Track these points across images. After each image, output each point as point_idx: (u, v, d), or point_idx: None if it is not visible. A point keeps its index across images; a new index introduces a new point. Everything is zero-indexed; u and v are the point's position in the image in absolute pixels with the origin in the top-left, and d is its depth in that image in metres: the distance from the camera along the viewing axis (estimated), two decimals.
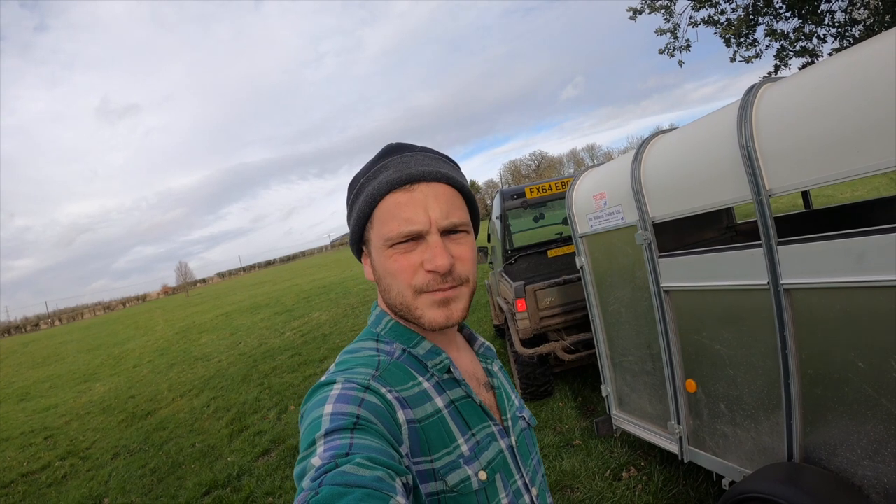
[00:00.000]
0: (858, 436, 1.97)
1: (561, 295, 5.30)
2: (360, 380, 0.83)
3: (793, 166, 1.97)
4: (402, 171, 0.89)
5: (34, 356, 27.96)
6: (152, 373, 14.24)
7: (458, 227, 0.91)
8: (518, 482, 0.94)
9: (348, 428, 0.72)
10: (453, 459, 0.85)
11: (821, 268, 1.95)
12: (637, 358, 3.40)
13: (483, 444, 0.90)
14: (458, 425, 0.89)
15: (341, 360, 0.93)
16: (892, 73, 1.62)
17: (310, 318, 16.63)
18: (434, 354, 0.95)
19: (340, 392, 0.80)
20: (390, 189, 0.88)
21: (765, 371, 2.36)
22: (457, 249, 0.90)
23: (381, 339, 0.98)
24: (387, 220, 0.88)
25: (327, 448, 0.68)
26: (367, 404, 0.78)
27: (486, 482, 0.86)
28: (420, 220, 0.87)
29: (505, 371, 1.18)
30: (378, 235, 0.90)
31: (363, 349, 0.96)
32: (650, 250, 2.91)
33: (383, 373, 0.88)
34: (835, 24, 9.22)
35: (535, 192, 6.59)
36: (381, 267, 0.92)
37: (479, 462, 0.87)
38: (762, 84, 2.17)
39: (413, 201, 0.87)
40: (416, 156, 0.94)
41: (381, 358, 0.92)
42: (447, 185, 0.92)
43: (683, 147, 2.68)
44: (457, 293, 0.90)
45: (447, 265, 0.86)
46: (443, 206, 0.89)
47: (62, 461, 7.88)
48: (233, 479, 5.68)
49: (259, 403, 8.39)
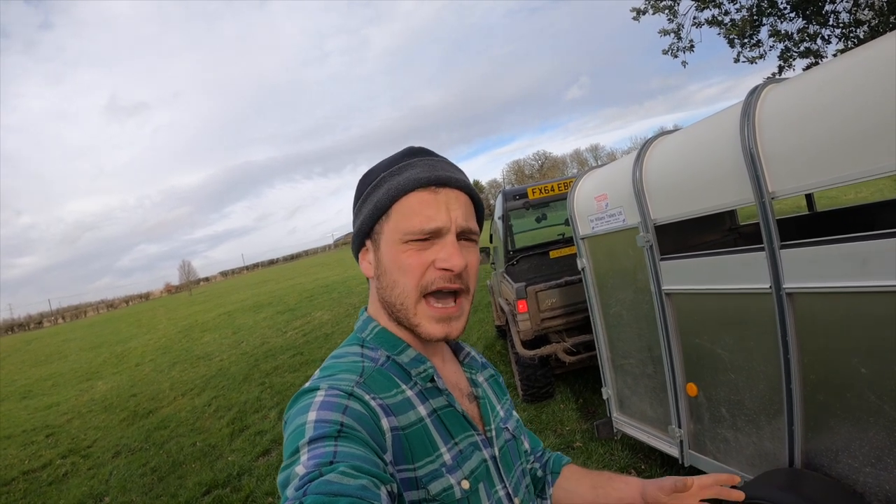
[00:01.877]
0: (860, 442, 1.95)
1: (562, 296, 5.28)
2: (344, 386, 0.82)
3: (796, 169, 1.95)
4: (431, 172, 0.91)
5: (37, 354, 28.10)
6: (154, 371, 14.28)
7: (472, 235, 0.94)
8: (500, 492, 0.93)
9: (332, 436, 0.71)
10: (436, 468, 0.84)
11: (824, 272, 1.93)
12: (638, 360, 3.38)
13: (466, 454, 0.90)
14: (441, 434, 0.89)
15: (326, 366, 0.93)
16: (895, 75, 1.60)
17: (312, 318, 16.66)
18: (418, 363, 0.94)
19: (324, 399, 0.79)
20: (417, 186, 0.90)
21: (766, 376, 2.34)
22: (467, 256, 0.91)
23: (366, 344, 0.97)
24: (408, 216, 0.89)
25: (311, 456, 0.68)
26: (350, 411, 0.77)
27: (469, 491, 0.86)
28: (442, 218, 0.88)
29: (494, 380, 1.17)
30: (395, 229, 0.90)
31: (348, 354, 0.95)
32: (651, 252, 2.89)
33: (367, 379, 0.87)
34: (839, 25, 9.18)
35: (538, 193, 6.56)
36: (391, 260, 0.91)
37: (461, 471, 0.87)
38: (765, 85, 2.15)
39: (437, 202, 0.89)
40: (442, 162, 0.97)
41: (365, 364, 0.91)
42: (467, 195, 0.95)
43: (686, 148, 2.65)
44: (459, 310, 0.92)
45: (461, 265, 0.88)
46: (463, 211, 0.92)
47: (63, 459, 7.88)
48: (233, 479, 5.67)
49: (260, 403, 8.40)
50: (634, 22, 10.13)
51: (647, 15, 9.91)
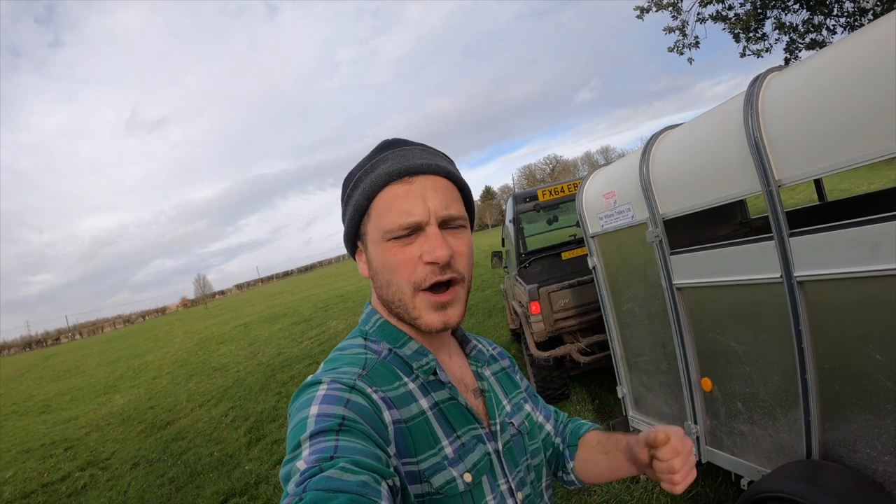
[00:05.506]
0: (878, 431, 1.92)
1: (575, 297, 5.26)
2: (346, 379, 0.82)
3: (802, 155, 1.93)
4: (401, 163, 0.89)
5: (55, 369, 28.36)
6: (171, 384, 14.36)
7: (457, 220, 0.90)
8: (503, 486, 0.92)
9: (333, 430, 0.71)
10: (438, 461, 0.84)
11: (834, 258, 1.90)
12: (652, 357, 3.35)
13: (468, 447, 0.89)
14: (443, 427, 0.89)
15: (330, 358, 0.93)
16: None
17: (327, 327, 16.70)
18: (420, 356, 0.94)
19: (326, 392, 0.79)
20: (389, 181, 0.88)
21: (781, 367, 2.31)
22: (455, 243, 0.89)
23: (369, 337, 0.97)
24: (385, 213, 0.88)
25: (312, 451, 0.68)
26: (352, 405, 0.77)
27: (471, 484, 0.86)
28: (419, 210, 0.86)
29: (505, 373, 1.16)
30: (376, 228, 0.90)
31: (352, 347, 0.95)
32: (661, 247, 2.87)
33: (370, 372, 0.87)
34: (843, 14, 9.10)
35: (548, 195, 6.55)
36: (379, 261, 0.91)
37: (463, 464, 0.86)
38: (768, 73, 2.13)
39: (412, 193, 0.87)
40: (414, 150, 0.94)
41: (368, 357, 0.91)
42: (445, 179, 0.92)
43: (691, 141, 2.64)
44: (453, 295, 0.90)
45: (447, 256, 0.85)
46: (441, 198, 0.89)
47: (82, 471, 7.94)
48: (250, 487, 5.69)
49: (277, 412, 8.41)
50: (642, 23, 10.13)
51: (651, 13, 9.88)
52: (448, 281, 0.88)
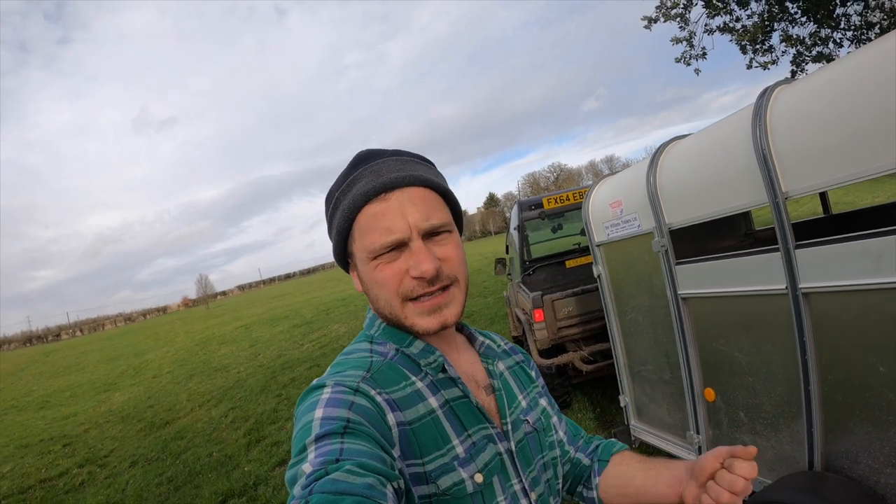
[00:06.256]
0: (881, 443, 1.93)
1: (579, 305, 5.26)
2: (350, 382, 0.83)
3: (809, 167, 1.95)
4: (374, 180, 0.88)
5: (55, 365, 28.36)
6: (171, 383, 14.35)
7: (440, 229, 0.89)
8: (516, 486, 0.91)
9: (338, 432, 0.72)
10: (447, 462, 0.84)
11: (839, 270, 1.92)
12: (655, 367, 3.36)
13: (479, 446, 0.89)
14: (454, 426, 0.88)
15: (336, 362, 0.94)
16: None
17: (329, 330, 16.69)
18: (427, 353, 0.94)
19: (330, 396, 0.80)
20: (365, 201, 0.88)
21: (784, 378, 2.32)
22: (441, 251, 0.89)
23: (374, 339, 0.98)
24: (367, 233, 0.88)
25: (318, 454, 0.68)
26: (357, 407, 0.78)
27: (482, 485, 0.85)
28: (399, 227, 0.85)
29: (520, 367, 1.15)
30: (361, 248, 0.90)
31: (357, 350, 0.96)
32: (667, 257, 2.88)
33: (374, 374, 0.88)
34: (850, 28, 9.13)
35: (553, 203, 6.56)
36: (368, 278, 0.92)
37: (475, 464, 0.86)
38: (776, 86, 2.15)
39: (389, 210, 0.86)
40: (387, 161, 0.92)
41: (373, 359, 0.92)
42: (423, 188, 0.90)
43: (698, 152, 2.66)
44: (448, 297, 0.90)
45: (433, 270, 0.85)
46: (421, 210, 0.87)
47: (80, 468, 7.94)
48: (249, 489, 5.68)
49: (277, 414, 8.41)
50: (650, 33, 10.16)
51: (659, 23, 9.91)
52: (441, 289, 0.89)
